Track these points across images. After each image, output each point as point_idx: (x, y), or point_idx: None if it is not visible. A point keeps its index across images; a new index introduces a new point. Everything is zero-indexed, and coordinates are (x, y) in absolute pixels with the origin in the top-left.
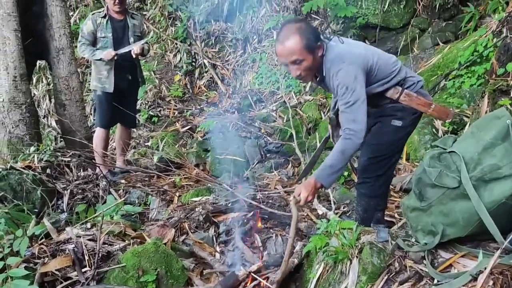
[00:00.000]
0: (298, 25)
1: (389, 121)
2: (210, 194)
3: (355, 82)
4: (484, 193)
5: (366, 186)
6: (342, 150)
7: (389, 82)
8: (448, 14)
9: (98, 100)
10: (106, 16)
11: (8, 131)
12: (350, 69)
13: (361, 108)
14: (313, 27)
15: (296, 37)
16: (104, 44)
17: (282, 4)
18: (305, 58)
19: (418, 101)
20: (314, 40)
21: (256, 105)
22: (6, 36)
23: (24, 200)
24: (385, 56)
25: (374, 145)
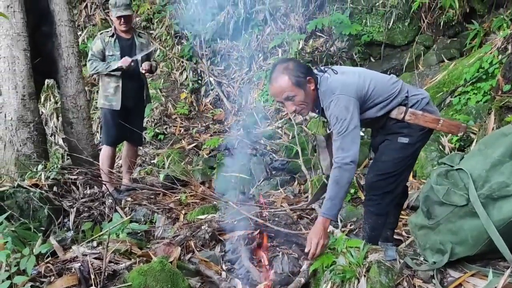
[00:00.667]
0: (285, 65)
1: (396, 138)
2: (216, 212)
3: (345, 112)
4: (493, 211)
5: (373, 204)
6: (336, 180)
7: (390, 103)
8: (453, 31)
9: (105, 118)
10: (114, 35)
11: (16, 149)
12: (340, 100)
13: (350, 136)
14: (301, 64)
15: (284, 76)
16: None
17: (287, 22)
18: (296, 94)
19: (425, 118)
20: (303, 75)
21: (262, 122)
22: (15, 55)
23: (30, 218)
24: (383, 79)
25: (381, 162)
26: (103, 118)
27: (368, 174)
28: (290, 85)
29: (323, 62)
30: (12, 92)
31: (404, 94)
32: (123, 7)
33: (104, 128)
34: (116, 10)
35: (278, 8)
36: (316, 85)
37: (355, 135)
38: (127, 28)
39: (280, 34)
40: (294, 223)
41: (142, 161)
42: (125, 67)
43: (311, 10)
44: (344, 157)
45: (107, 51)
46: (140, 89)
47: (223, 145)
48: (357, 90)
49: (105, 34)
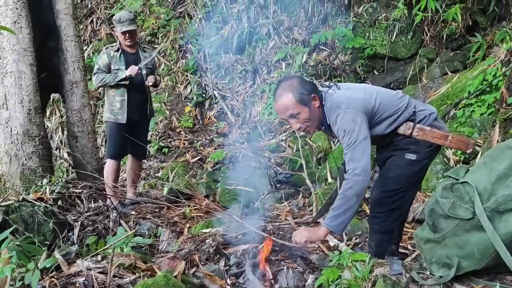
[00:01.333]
0: (289, 82)
1: (403, 155)
2: (220, 225)
3: (353, 124)
4: (499, 225)
5: (378, 221)
6: (343, 192)
7: (397, 119)
8: (456, 44)
9: (110, 131)
10: (119, 50)
11: (21, 163)
12: (347, 113)
13: (359, 147)
14: (305, 81)
15: (288, 94)
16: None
17: (291, 36)
18: (300, 111)
19: (433, 134)
20: (307, 92)
21: (266, 135)
22: (22, 70)
23: (35, 232)
24: (389, 94)
25: (387, 178)
26: (108, 132)
27: (373, 190)
28: (294, 103)
29: (326, 75)
30: (18, 106)
31: (411, 109)
32: (127, 22)
33: (109, 142)
34: (120, 25)
35: (282, 22)
36: (321, 102)
37: (365, 146)
38: (132, 43)
39: (284, 48)
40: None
41: (147, 174)
42: (133, 75)
43: (314, 24)
44: (354, 168)
45: (112, 65)
46: (144, 102)
47: (227, 158)
48: (364, 104)
49: (111, 49)
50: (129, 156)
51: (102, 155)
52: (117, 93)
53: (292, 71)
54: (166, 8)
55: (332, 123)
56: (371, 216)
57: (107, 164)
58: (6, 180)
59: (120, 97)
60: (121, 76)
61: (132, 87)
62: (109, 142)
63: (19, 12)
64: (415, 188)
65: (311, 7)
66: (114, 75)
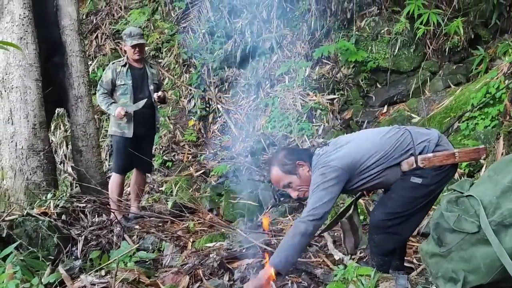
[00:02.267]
0: (276, 156)
1: (409, 178)
2: (224, 239)
3: (320, 177)
4: (505, 238)
5: (376, 245)
6: (291, 231)
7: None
8: (458, 57)
9: (117, 145)
10: (126, 65)
11: (26, 177)
12: (321, 170)
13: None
14: (291, 150)
15: (274, 167)
16: (124, 91)
17: (294, 50)
18: (290, 180)
19: (438, 158)
20: (290, 162)
21: (269, 148)
22: (27, 85)
23: (39, 247)
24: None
25: (389, 200)
26: (114, 146)
27: (374, 211)
28: (281, 174)
29: (329, 88)
30: (24, 121)
31: (405, 148)
32: (137, 36)
33: (115, 156)
34: (131, 39)
35: (285, 36)
36: (307, 165)
37: (324, 195)
38: (140, 57)
39: (287, 62)
40: (303, 251)
41: (150, 188)
42: (116, 116)
43: (317, 38)
44: (308, 210)
45: (118, 81)
46: (152, 117)
47: (230, 172)
48: (344, 161)
49: (117, 64)
50: (134, 170)
51: (106, 169)
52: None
53: (295, 84)
54: (170, 23)
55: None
56: (369, 239)
57: (112, 178)
58: (11, 195)
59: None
60: (111, 112)
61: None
62: (115, 156)
63: (25, 28)
64: (421, 214)
65: (314, 21)
66: (108, 106)
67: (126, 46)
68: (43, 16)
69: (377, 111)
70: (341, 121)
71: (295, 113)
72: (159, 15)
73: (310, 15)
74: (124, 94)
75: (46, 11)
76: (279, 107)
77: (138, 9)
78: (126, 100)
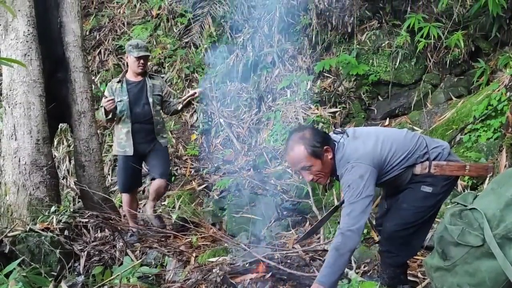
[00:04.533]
0: (301, 134)
1: (419, 187)
2: (227, 254)
3: (359, 180)
4: (509, 252)
5: (390, 256)
6: (337, 247)
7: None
8: (459, 70)
9: (119, 165)
10: (121, 81)
11: (29, 193)
12: (355, 167)
13: (361, 205)
14: (317, 132)
15: (300, 147)
16: (122, 108)
17: (295, 64)
18: (313, 164)
19: (451, 167)
20: (319, 145)
21: (272, 162)
22: (31, 101)
23: (42, 263)
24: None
25: (401, 210)
26: (118, 165)
27: (386, 223)
28: (306, 156)
29: (331, 102)
30: (27, 137)
31: (423, 149)
32: (144, 49)
33: (118, 175)
34: (137, 50)
35: (286, 50)
36: (334, 153)
37: (367, 205)
38: (143, 70)
39: (289, 76)
40: (307, 265)
41: None
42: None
43: (318, 51)
44: (350, 224)
45: (116, 97)
46: (151, 132)
47: (233, 185)
48: (374, 157)
49: (113, 81)
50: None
51: (109, 184)
52: (122, 125)
53: (297, 98)
54: (173, 38)
55: (340, 175)
56: (383, 250)
57: (122, 198)
58: (14, 210)
59: (125, 128)
60: (101, 110)
61: (136, 117)
62: (118, 175)
63: (29, 45)
64: (429, 224)
65: (315, 35)
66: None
67: (129, 58)
68: (47, 33)
69: (379, 124)
70: None
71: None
72: (162, 30)
73: (311, 29)
74: (122, 111)
75: (50, 28)
76: (281, 121)
77: (141, 25)
78: (123, 117)
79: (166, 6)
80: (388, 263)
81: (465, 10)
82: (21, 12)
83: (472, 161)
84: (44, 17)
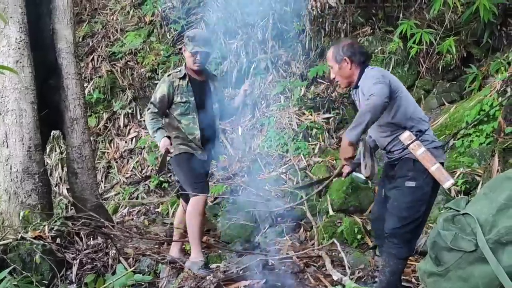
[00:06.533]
0: (343, 42)
1: (404, 183)
2: (221, 261)
3: (381, 77)
4: (502, 256)
5: (395, 247)
6: (361, 110)
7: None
8: (452, 75)
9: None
10: (186, 77)
11: (21, 201)
12: (379, 72)
13: (380, 85)
14: (352, 46)
15: (332, 49)
16: (185, 111)
17: (289, 70)
18: (332, 66)
19: (425, 155)
20: (343, 54)
21: (266, 168)
22: (23, 108)
23: (33, 272)
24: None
25: (394, 208)
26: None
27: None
28: (331, 58)
29: (325, 107)
30: (19, 144)
31: (421, 126)
32: (202, 42)
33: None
34: (193, 44)
35: (280, 56)
36: (353, 65)
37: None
38: (200, 68)
39: (282, 82)
40: (301, 271)
41: (146, 210)
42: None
43: (311, 58)
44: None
45: (178, 97)
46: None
47: (227, 192)
48: (393, 83)
49: (174, 76)
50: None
51: (102, 191)
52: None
53: (290, 104)
54: (166, 44)
55: (362, 87)
56: (388, 244)
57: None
58: (5, 219)
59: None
60: (157, 139)
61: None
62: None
63: (21, 52)
64: (424, 217)
65: (308, 41)
66: (153, 131)
67: (186, 52)
68: (40, 40)
69: None
70: (337, 140)
71: (291, 132)
72: (155, 37)
73: (305, 36)
74: (185, 115)
75: (43, 34)
76: (275, 127)
77: (134, 31)
78: (188, 122)
79: (160, 13)
80: (392, 254)
81: (456, 17)
82: (13, 18)
83: (465, 166)
84: (37, 23)
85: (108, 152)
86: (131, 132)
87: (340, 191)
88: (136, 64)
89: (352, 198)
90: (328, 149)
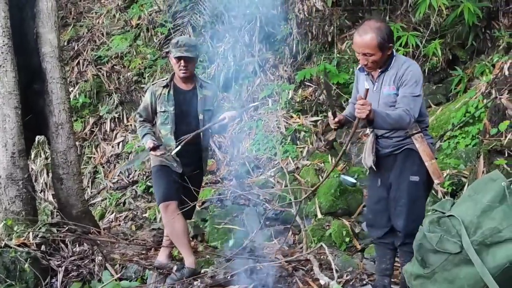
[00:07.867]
0: (378, 25)
1: (408, 178)
2: (208, 266)
3: (421, 79)
4: (487, 258)
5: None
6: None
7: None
8: (438, 78)
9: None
10: (168, 86)
11: (4, 207)
12: (419, 70)
13: (418, 101)
14: (389, 30)
15: (372, 35)
16: (164, 120)
17: (277, 73)
18: (375, 53)
19: (426, 148)
20: (388, 40)
21: (254, 171)
22: (6, 113)
23: (17, 280)
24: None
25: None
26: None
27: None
28: (374, 45)
29: (312, 110)
30: (2, 150)
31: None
32: (185, 48)
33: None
34: (176, 50)
35: (267, 59)
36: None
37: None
38: (186, 75)
39: (270, 85)
40: (290, 275)
41: (134, 215)
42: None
43: (299, 61)
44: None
45: (158, 107)
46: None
47: (215, 196)
48: None
49: (158, 85)
50: None
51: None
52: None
53: (278, 107)
54: (153, 48)
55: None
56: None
57: None
58: None
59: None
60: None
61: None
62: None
63: (4, 56)
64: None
65: (295, 44)
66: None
67: (172, 59)
68: (23, 44)
69: (361, 132)
70: (325, 143)
71: (279, 135)
72: (142, 40)
73: (292, 39)
74: (164, 124)
75: (26, 38)
76: (263, 130)
77: (120, 35)
78: (166, 132)
79: (146, 16)
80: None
81: (442, 20)
82: None
83: (451, 168)
84: (20, 27)
85: (95, 157)
86: (118, 137)
87: (328, 194)
88: (122, 68)
89: (340, 201)
90: (316, 152)
